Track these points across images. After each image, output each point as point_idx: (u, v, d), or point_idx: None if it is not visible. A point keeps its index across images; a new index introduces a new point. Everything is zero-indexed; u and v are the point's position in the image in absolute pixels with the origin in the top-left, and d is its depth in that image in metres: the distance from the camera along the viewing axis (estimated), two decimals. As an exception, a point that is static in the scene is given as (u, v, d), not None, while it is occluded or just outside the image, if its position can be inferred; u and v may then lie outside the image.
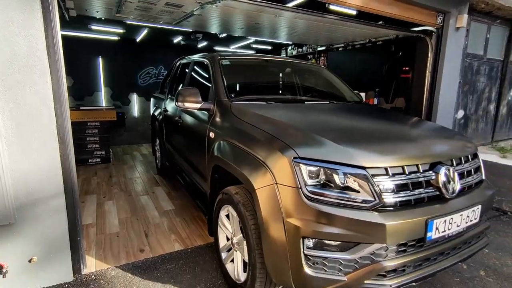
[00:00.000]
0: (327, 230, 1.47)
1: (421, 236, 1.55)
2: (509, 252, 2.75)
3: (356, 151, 1.58)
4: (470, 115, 4.86)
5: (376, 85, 5.36)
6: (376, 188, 1.51)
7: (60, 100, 2.01)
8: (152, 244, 2.74)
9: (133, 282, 2.19)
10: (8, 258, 1.94)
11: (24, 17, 1.80)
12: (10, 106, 1.83)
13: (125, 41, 7.10)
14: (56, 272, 2.12)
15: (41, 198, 2.00)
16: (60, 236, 2.10)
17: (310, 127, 1.92)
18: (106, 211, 3.43)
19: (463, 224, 1.71)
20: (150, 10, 3.65)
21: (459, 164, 1.85)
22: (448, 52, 4.12)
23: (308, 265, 1.52)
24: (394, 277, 1.54)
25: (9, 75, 1.81)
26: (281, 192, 1.55)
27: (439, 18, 4.01)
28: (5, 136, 1.84)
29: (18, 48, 1.81)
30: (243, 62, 3.16)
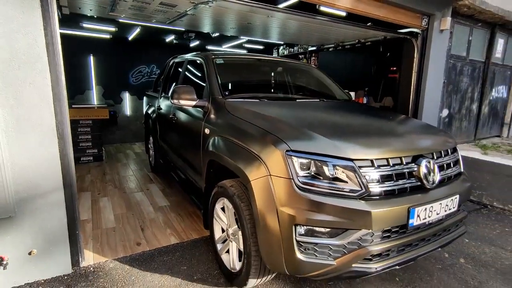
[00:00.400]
0: (318, 217, 1.58)
1: (403, 223, 1.68)
2: (487, 242, 2.92)
3: (344, 145, 1.69)
4: (454, 114, 5.07)
5: (365, 85, 5.53)
6: (362, 179, 1.63)
7: (59, 96, 2.06)
8: (148, 238, 2.80)
9: (131, 273, 2.26)
10: (8, 250, 1.99)
11: (24, 15, 1.85)
12: (11, 102, 1.88)
13: (117, 40, 7.08)
14: (55, 265, 2.17)
15: (41, 192, 2.05)
16: (59, 229, 2.15)
17: (302, 123, 2.03)
18: (101, 207, 3.48)
19: (442, 212, 1.84)
20: (144, 9, 3.71)
21: (439, 158, 1.99)
22: (432, 53, 4.30)
23: (300, 251, 1.62)
24: (379, 261, 1.66)
25: (10, 72, 1.86)
26: (275, 183, 1.66)
27: (424, 21, 4.18)
28: (6, 131, 1.89)
29: (18, 46, 1.86)
30: (236, 61, 3.25)
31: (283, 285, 2.16)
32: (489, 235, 3.07)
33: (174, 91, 2.56)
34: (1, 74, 1.83)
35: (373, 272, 1.63)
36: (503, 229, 3.21)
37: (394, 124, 2.36)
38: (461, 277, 2.35)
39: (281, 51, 7.70)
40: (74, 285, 2.10)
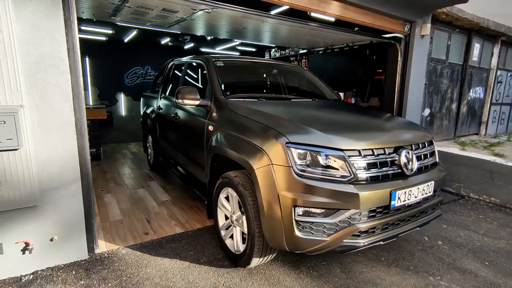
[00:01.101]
0: (314, 199, 1.84)
1: (386, 204, 1.96)
2: (462, 227, 3.25)
3: (335, 137, 1.96)
4: (435, 113, 5.44)
5: (353, 86, 5.85)
6: (351, 166, 1.90)
7: (78, 96, 2.26)
8: (155, 228, 3.01)
9: (143, 258, 2.47)
10: (33, 236, 2.17)
11: (50, 23, 2.05)
12: (36, 101, 2.08)
13: (112, 42, 7.22)
14: (73, 250, 2.36)
15: (61, 183, 2.24)
16: (77, 217, 2.35)
17: (298, 119, 2.29)
18: (106, 203, 3.65)
19: (420, 195, 2.14)
20: (146, 14, 3.90)
21: (418, 149, 2.28)
22: (414, 57, 4.65)
23: (299, 229, 1.88)
24: (366, 237, 1.94)
25: (36, 74, 2.05)
26: (276, 170, 1.91)
27: (406, 27, 4.53)
28: (31, 128, 2.08)
29: (44, 51, 2.06)
30: (235, 64, 3.49)
31: (282, 266, 2.41)
32: (465, 221, 3.41)
33: (178, 92, 2.78)
34: (29, 76, 2.02)
35: (361, 246, 1.90)
36: (477, 217, 3.55)
37: (379, 120, 2.65)
38: (439, 256, 2.65)
39: (273, 53, 7.98)
40: (92, 269, 2.30)
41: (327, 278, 2.28)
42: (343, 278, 2.28)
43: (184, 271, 2.31)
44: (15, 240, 2.13)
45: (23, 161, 2.05)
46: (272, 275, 2.30)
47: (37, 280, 2.14)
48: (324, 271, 2.37)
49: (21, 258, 2.17)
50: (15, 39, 1.94)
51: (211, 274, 2.28)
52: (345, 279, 2.28)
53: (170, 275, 2.25)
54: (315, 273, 2.34)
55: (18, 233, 2.13)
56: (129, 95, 7.91)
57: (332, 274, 2.34)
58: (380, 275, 2.34)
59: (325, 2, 3.51)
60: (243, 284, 2.18)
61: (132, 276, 2.23)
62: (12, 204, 2.07)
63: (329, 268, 2.41)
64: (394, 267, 2.45)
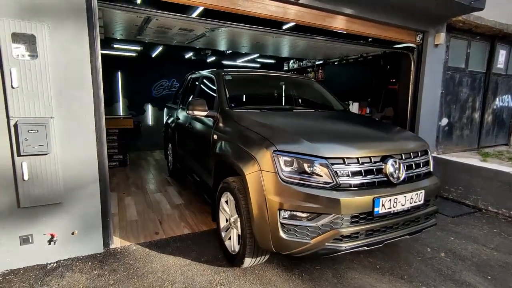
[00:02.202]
0: (297, 203, 1.98)
1: (369, 210, 2.04)
2: (471, 240, 3.16)
3: (320, 146, 2.10)
4: (454, 122, 5.27)
5: (368, 96, 5.86)
6: (334, 173, 2.02)
7: (99, 109, 2.61)
8: (165, 228, 3.27)
9: (150, 254, 2.72)
10: (57, 229, 2.51)
11: (77, 47, 2.42)
12: (64, 113, 2.44)
13: (142, 57, 7.83)
14: (91, 244, 2.68)
15: (82, 184, 2.58)
16: (95, 215, 2.67)
17: (291, 129, 2.45)
18: (126, 205, 4.00)
19: (407, 204, 2.18)
20: (166, 33, 4.30)
21: (408, 158, 2.33)
22: (428, 66, 4.61)
23: (284, 231, 2.02)
24: (348, 241, 2.03)
25: (64, 90, 2.42)
26: (264, 176, 2.08)
27: (418, 37, 4.52)
28: (59, 136, 2.44)
29: (72, 70, 2.43)
30: (244, 77, 3.73)
31: (276, 268, 2.54)
32: (476, 235, 3.30)
33: (189, 103, 3.06)
34: (58, 92, 2.39)
35: (342, 250, 2.00)
36: (491, 231, 3.42)
37: (372, 130, 2.72)
38: (438, 267, 2.63)
39: (291, 64, 8.18)
40: (105, 261, 2.59)
41: (318, 282, 2.37)
42: (334, 283, 2.36)
43: (185, 267, 2.52)
44: (43, 232, 2.48)
45: (51, 164, 2.41)
46: (265, 276, 2.43)
47: (59, 268, 2.47)
48: (316, 275, 2.46)
49: (47, 248, 2.51)
50: (49, 61, 2.32)
51: (209, 272, 2.47)
52: (336, 284, 2.36)
53: (172, 271, 2.47)
54: (307, 276, 2.44)
55: (45, 226, 2.48)
56: (156, 106, 8.46)
57: (324, 278, 2.42)
58: (372, 282, 2.38)
59: (330, 17, 3.66)
60: (236, 282, 2.34)
61: (138, 269, 2.48)
62: (42, 201, 2.42)
63: (321, 273, 2.49)
64: (388, 276, 2.48)
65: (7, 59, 2.19)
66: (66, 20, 2.36)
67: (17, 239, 2.40)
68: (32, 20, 2.24)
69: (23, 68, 2.24)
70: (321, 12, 3.57)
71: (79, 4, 2.40)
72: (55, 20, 2.32)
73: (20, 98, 2.25)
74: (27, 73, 2.25)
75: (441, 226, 3.49)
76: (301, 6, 3.40)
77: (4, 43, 2.17)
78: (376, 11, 3.83)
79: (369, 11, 3.79)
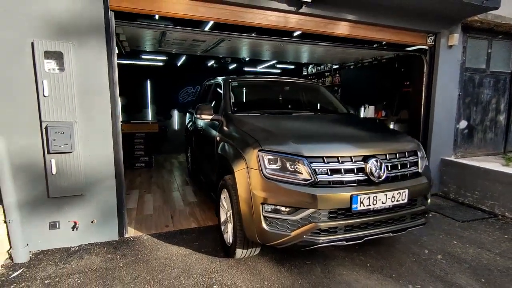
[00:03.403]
0: (278, 198, 2.15)
1: (347, 207, 2.15)
2: (475, 245, 3.07)
3: (302, 146, 2.25)
4: (475, 125, 5.04)
5: (384, 99, 5.80)
6: (313, 171, 2.17)
7: (115, 114, 2.98)
8: (175, 222, 3.58)
9: (158, 243, 3.03)
10: (79, 218, 2.91)
11: (96, 59, 2.83)
12: (85, 118, 2.84)
13: (168, 66, 8.41)
14: (107, 232, 3.05)
15: (100, 179, 2.96)
16: (111, 207, 3.04)
17: (281, 131, 2.63)
18: (145, 201, 4.40)
19: (388, 202, 2.26)
20: (183, 44, 4.70)
21: (393, 159, 2.40)
22: (441, 68, 4.50)
23: (266, 224, 2.20)
24: (326, 235, 2.16)
25: (86, 99, 2.82)
26: (250, 173, 2.28)
27: (429, 39, 4.45)
28: (81, 138, 2.84)
29: (92, 81, 2.83)
30: (249, 83, 3.98)
31: (268, 261, 2.71)
32: (482, 240, 3.20)
33: (197, 108, 3.36)
34: (81, 100, 2.80)
35: (320, 243, 2.13)
36: (501, 236, 3.28)
37: (360, 132, 2.81)
38: (431, 268, 2.63)
39: (310, 69, 8.28)
40: (118, 247, 2.93)
41: (305, 275, 2.51)
42: (320, 277, 2.48)
43: (186, 256, 2.79)
44: (68, 219, 2.89)
45: (74, 160, 2.82)
46: (256, 267, 2.62)
47: (80, 251, 2.86)
48: (305, 269, 2.60)
49: (71, 233, 2.91)
50: (73, 74, 2.74)
51: (206, 261, 2.71)
52: (322, 278, 2.47)
53: (174, 258, 2.75)
54: (296, 270, 2.58)
55: (70, 214, 2.89)
56: (181, 111, 8.99)
57: (312, 272, 2.55)
58: (358, 279, 2.46)
59: (332, 23, 3.79)
60: (228, 270, 2.55)
61: (145, 255, 2.79)
62: (67, 192, 2.84)
63: (310, 267, 2.62)
64: (376, 274, 2.54)
65: (40, 73, 2.63)
66: (88, 38, 2.78)
67: (46, 225, 2.83)
68: (60, 39, 2.68)
69: (53, 80, 2.68)
70: (323, 20, 3.70)
71: (99, 24, 2.80)
72: (79, 39, 2.75)
73: (50, 105, 2.68)
74: (55, 84, 2.68)
75: (447, 230, 3.43)
76: (302, 15, 3.57)
77: (38, 59, 2.62)
78: (380, 15, 3.88)
79: (372, 16, 3.85)
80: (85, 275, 2.47)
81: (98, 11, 2.80)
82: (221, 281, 2.41)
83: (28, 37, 2.60)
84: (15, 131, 2.64)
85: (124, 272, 2.52)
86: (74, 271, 2.52)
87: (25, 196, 2.73)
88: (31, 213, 2.77)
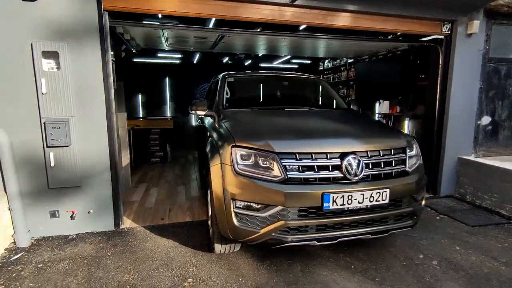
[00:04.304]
0: (247, 194, 2.13)
1: (318, 205, 2.07)
2: (480, 252, 2.81)
3: (273, 142, 2.20)
4: (501, 121, 4.56)
5: (398, 93, 5.47)
6: (283, 168, 2.11)
7: (110, 110, 3.12)
8: (171, 216, 3.68)
9: (149, 235, 3.13)
10: (76, 208, 3.10)
11: (91, 60, 2.97)
12: (81, 113, 3.00)
13: (185, 64, 8.62)
14: (103, 223, 3.21)
15: (96, 172, 3.12)
16: (107, 199, 3.19)
17: (262, 126, 2.59)
18: (149, 194, 4.56)
19: (366, 202, 2.13)
20: (187, 42, 4.78)
21: (375, 156, 2.26)
22: (459, 59, 4.13)
23: (237, 220, 2.19)
24: (296, 234, 2.09)
25: (82, 96, 2.98)
26: (223, 168, 2.27)
27: (445, 27, 4.10)
28: (78, 132, 3.01)
29: (87, 80, 2.98)
30: (246, 78, 3.94)
31: (249, 258, 2.69)
32: (491, 247, 2.91)
33: (193, 104, 3.40)
34: (77, 96, 2.96)
35: (288, 242, 2.08)
36: (515, 244, 2.97)
37: (345, 127, 2.68)
38: (421, 274, 2.45)
39: (326, 64, 8.03)
40: (112, 237, 3.08)
41: (283, 273, 2.45)
42: (297, 276, 2.41)
43: (171, 249, 2.86)
44: (66, 209, 3.08)
45: (71, 154, 3.00)
46: (236, 263, 2.61)
47: (76, 239, 3.04)
48: (284, 267, 2.54)
49: (69, 222, 3.11)
50: (69, 72, 2.90)
51: (189, 254, 2.75)
52: (299, 277, 2.41)
53: (159, 250, 2.83)
54: (275, 268, 2.54)
55: (68, 204, 3.08)
56: (198, 108, 9.17)
57: (290, 271, 2.49)
58: (337, 280, 2.37)
59: (331, 15, 3.63)
60: (207, 265, 2.58)
61: (133, 246, 2.90)
62: (65, 183, 3.03)
63: (291, 266, 2.56)
64: (359, 276, 2.42)
65: (39, 72, 2.82)
66: (82, 38, 2.92)
67: (47, 213, 3.05)
68: (56, 40, 2.85)
69: (50, 78, 2.86)
70: (321, 11, 3.56)
71: (92, 24, 2.94)
72: (73, 39, 2.90)
73: (47, 102, 2.87)
74: (53, 82, 2.86)
75: (452, 234, 3.17)
76: (297, 7, 3.46)
77: (37, 59, 2.81)
78: (385, 4, 3.64)
79: (376, 5, 3.62)
80: (75, 262, 2.63)
81: (92, 11, 2.92)
82: (198, 275, 2.44)
83: (28, 38, 2.79)
84: (17, 126, 2.86)
85: (110, 261, 2.64)
86: (66, 257, 2.69)
87: (28, 186, 2.95)
88: (34, 202, 2.99)
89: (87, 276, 2.43)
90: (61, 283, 2.33)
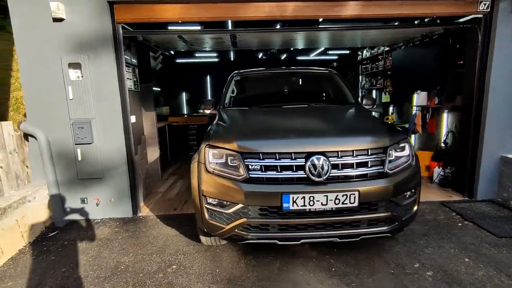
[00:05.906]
0: (214, 192, 2.25)
1: (278, 205, 2.07)
2: (493, 266, 2.44)
3: (240, 142, 2.25)
4: None
5: (437, 83, 4.86)
6: (245, 167, 2.16)
7: (125, 110, 3.53)
8: (183, 207, 4.00)
9: (157, 223, 3.49)
10: (101, 196, 3.62)
11: (108, 70, 3.40)
12: (101, 115, 3.47)
13: (222, 61, 8.96)
14: (122, 210, 3.68)
15: (115, 165, 3.58)
16: (125, 189, 3.64)
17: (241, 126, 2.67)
18: (174, 187, 4.99)
19: (331, 204, 2.06)
20: (205, 43, 5.02)
21: (346, 156, 2.14)
22: (500, 41, 3.50)
23: (208, 215, 2.33)
24: (256, 232, 2.14)
25: (100, 99, 3.44)
26: (199, 166, 2.42)
27: (482, 4, 3.50)
28: (98, 131, 3.49)
29: (106, 87, 3.42)
30: (254, 76, 3.99)
31: (235, 251, 2.81)
32: (507, 261, 2.50)
33: (201, 103, 3.64)
34: (97, 101, 3.43)
35: (248, 239, 2.14)
36: (549, 262, 2.48)
37: (324, 125, 2.56)
38: (405, 284, 2.25)
39: (364, 54, 7.51)
40: (127, 223, 3.52)
41: (260, 268, 2.52)
42: (272, 273, 2.45)
43: (170, 237, 3.15)
44: (92, 197, 3.62)
45: (94, 150, 3.50)
46: (220, 255, 2.76)
47: (99, 223, 3.56)
48: (264, 263, 2.60)
49: (95, 208, 3.65)
50: (90, 80, 3.38)
51: (183, 243, 3.00)
52: (275, 274, 2.44)
53: (160, 237, 3.15)
54: (254, 263, 2.61)
55: (94, 193, 3.62)
56: (237, 104, 9.48)
57: (267, 267, 2.53)
58: (310, 280, 2.34)
59: (337, 5, 3.44)
60: (195, 255, 2.78)
61: (141, 232, 3.28)
62: (90, 175, 3.56)
63: (270, 263, 2.60)
64: (335, 279, 2.35)
65: (66, 81, 3.35)
66: (99, 50, 3.36)
67: (78, 200, 3.63)
68: (79, 53, 3.33)
69: (75, 86, 3.37)
70: (324, 2, 3.41)
71: (107, 37, 3.35)
72: (92, 51, 3.35)
73: (74, 106, 3.39)
74: (77, 89, 3.37)
75: (468, 244, 2.80)
76: (298, 1, 3.38)
77: (65, 70, 3.33)
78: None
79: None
80: (91, 242, 3.10)
81: (107, 25, 3.33)
82: (183, 263, 2.67)
83: (58, 53, 3.33)
84: (53, 126, 3.44)
85: (117, 244, 3.05)
86: (86, 238, 3.19)
87: (63, 176, 3.55)
88: (68, 190, 3.59)
89: (96, 254, 2.86)
90: (75, 258, 2.80)
